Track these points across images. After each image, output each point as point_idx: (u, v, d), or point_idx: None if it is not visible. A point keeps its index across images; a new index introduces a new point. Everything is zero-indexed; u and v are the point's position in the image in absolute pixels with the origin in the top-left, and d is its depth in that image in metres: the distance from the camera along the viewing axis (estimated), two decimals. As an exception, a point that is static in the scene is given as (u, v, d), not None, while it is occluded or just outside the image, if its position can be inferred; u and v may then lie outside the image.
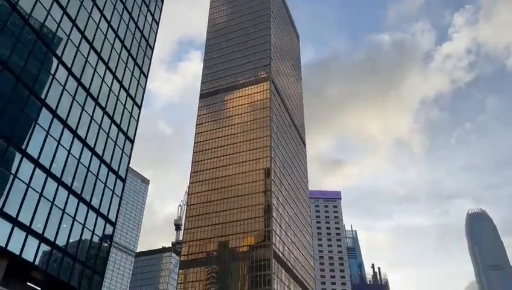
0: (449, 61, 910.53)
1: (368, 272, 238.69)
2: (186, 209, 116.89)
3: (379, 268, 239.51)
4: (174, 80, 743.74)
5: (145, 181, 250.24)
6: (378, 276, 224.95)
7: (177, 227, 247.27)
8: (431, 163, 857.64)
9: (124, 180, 40.38)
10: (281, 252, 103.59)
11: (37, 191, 29.50)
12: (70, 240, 32.36)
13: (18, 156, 28.55)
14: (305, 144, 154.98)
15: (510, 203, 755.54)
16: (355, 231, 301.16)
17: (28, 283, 29.88)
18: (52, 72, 33.04)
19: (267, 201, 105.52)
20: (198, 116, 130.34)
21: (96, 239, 35.44)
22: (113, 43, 42.10)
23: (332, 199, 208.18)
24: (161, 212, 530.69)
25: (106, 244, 37.38)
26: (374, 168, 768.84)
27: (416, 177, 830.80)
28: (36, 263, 28.77)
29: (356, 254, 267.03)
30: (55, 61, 33.32)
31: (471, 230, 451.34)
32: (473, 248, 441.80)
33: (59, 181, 31.82)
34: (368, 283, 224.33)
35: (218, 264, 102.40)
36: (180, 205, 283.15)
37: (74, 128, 34.41)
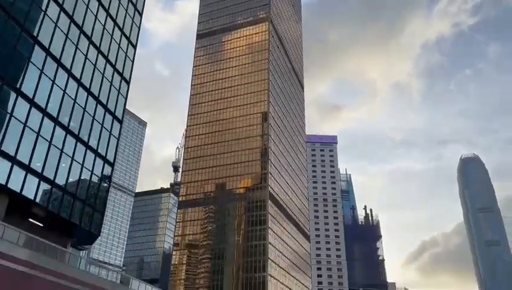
0: (454, 4, 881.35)
1: (360, 214, 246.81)
2: (184, 152, 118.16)
3: (371, 210, 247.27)
4: (171, 20, 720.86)
5: (143, 123, 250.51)
6: (370, 217, 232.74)
7: (175, 169, 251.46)
8: (429, 108, 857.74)
9: (121, 122, 40.36)
10: (277, 194, 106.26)
11: (34, 131, 29.54)
12: (70, 179, 32.92)
13: (13, 95, 28.27)
14: (303, 88, 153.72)
15: (504, 148, 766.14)
16: (350, 175, 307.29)
17: (29, 219, 30.79)
18: (44, 8, 31.84)
19: (264, 144, 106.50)
20: (195, 57, 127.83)
21: (95, 179, 36.06)
22: (106, -23, 40.22)
23: (329, 143, 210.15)
24: (159, 154, 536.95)
25: (105, 184, 38.11)
26: (372, 114, 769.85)
27: (413, 122, 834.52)
28: (37, 200, 29.45)
29: (349, 197, 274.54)
30: (45, -3, 32.01)
31: (463, 174, 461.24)
32: (464, 191, 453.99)
33: (56, 121, 31.77)
34: (360, 223, 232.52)
35: (215, 205, 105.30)
36: (178, 147, 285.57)
37: (68, 67, 33.79)
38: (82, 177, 34.35)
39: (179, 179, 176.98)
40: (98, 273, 34.26)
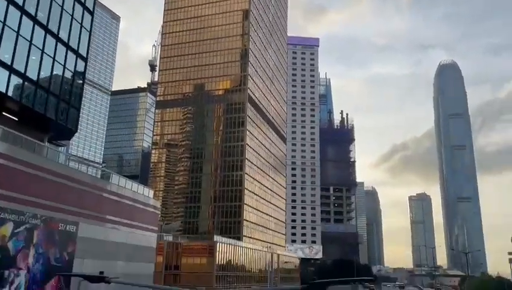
0: None
1: (337, 118, 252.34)
2: (161, 50, 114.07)
3: (347, 114, 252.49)
4: None
5: (116, 17, 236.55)
6: (345, 121, 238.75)
7: (152, 68, 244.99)
8: (415, 12, 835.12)
9: (92, 13, 37.88)
10: (256, 97, 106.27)
11: (-2, 20, 27.52)
12: (42, 74, 31.72)
13: (-30, -23, 25.70)
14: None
15: (482, 55, 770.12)
16: (329, 79, 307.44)
17: (4, 113, 30.13)
18: None
19: (244, 45, 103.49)
20: None
21: (68, 74, 34.85)
22: None
23: (310, 46, 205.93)
24: (136, 52, 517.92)
25: (79, 80, 37.01)
26: (357, 17, 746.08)
27: (397, 27, 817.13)
28: (9, 94, 28.55)
29: (327, 101, 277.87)
30: None
31: (438, 80, 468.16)
32: (438, 97, 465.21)
33: (22, 10, 29.54)
34: (335, 127, 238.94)
35: (194, 106, 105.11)
36: (154, 45, 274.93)
37: None
38: (55, 72, 33.10)
39: (156, 79, 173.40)
40: (78, 167, 34.87)
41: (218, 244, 67.37)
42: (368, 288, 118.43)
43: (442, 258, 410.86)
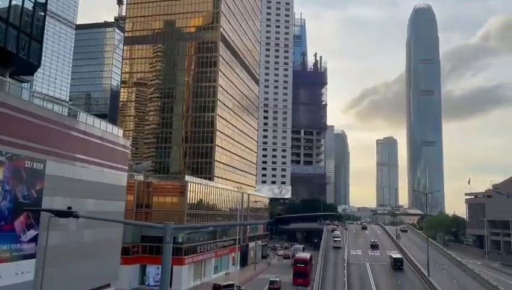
0: None
1: (310, 60, 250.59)
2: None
3: (321, 57, 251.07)
4: None
5: None
6: (318, 64, 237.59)
7: (119, 1, 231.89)
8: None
9: None
10: (228, 36, 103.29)
11: None
12: (0, 4, 29.51)
13: None
14: None
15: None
16: (304, 20, 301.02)
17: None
18: None
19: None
20: None
21: (29, 5, 32.53)
22: None
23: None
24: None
25: (41, 12, 34.69)
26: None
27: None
28: (-37, 24, 26.59)
29: (302, 43, 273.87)
30: None
31: (413, 24, 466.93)
32: (410, 42, 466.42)
33: None
34: (309, 70, 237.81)
35: (164, 44, 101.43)
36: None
37: None
38: (14, 3, 30.82)
39: (124, 13, 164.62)
40: (43, 104, 33.69)
41: (189, 184, 68.27)
42: (332, 228, 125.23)
43: (404, 198, 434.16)
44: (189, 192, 67.64)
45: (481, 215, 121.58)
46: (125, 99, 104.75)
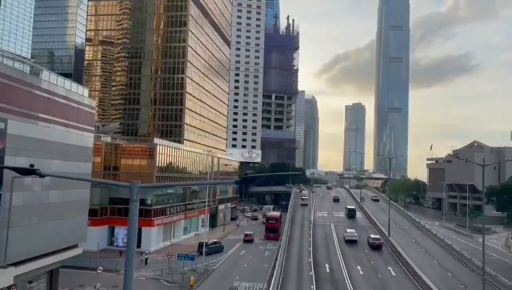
0: None
1: (283, 23, 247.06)
2: None
3: (293, 20, 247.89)
4: None
5: None
6: (291, 27, 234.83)
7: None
8: None
9: None
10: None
11: None
12: None
13: None
14: None
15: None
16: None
17: None
18: None
19: None
20: None
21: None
22: None
23: None
24: None
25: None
26: None
27: None
28: None
29: (274, 4, 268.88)
30: None
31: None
32: (382, 8, 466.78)
33: None
34: (281, 33, 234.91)
35: (131, 0, 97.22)
36: None
37: None
38: None
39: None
40: (2, 61, 32.09)
41: (158, 146, 67.68)
42: (300, 189, 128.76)
43: (369, 163, 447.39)
44: (158, 155, 67.23)
45: (440, 179, 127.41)
46: (90, 58, 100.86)
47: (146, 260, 54.71)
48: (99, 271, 43.24)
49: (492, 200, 67.05)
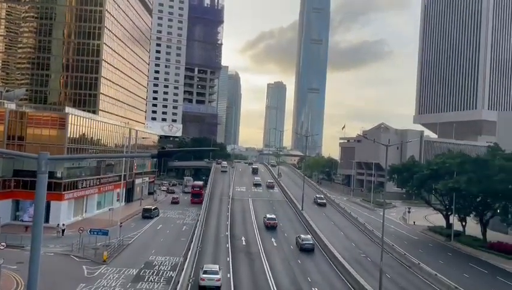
0: None
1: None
2: None
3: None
4: None
5: None
6: (216, 0, 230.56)
7: None
8: None
9: None
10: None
11: None
12: None
13: None
14: None
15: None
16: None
17: None
18: None
19: None
20: None
21: None
22: None
23: None
24: None
25: None
26: None
27: None
28: None
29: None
30: None
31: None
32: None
33: None
34: (205, 5, 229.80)
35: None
36: None
37: None
38: None
39: None
40: None
41: (70, 116, 63.54)
42: (220, 164, 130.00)
43: (288, 140, 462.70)
44: (70, 125, 63.25)
45: (351, 157, 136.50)
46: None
47: (63, 231, 53.74)
48: (2, 247, 40.32)
49: (393, 178, 73.72)
